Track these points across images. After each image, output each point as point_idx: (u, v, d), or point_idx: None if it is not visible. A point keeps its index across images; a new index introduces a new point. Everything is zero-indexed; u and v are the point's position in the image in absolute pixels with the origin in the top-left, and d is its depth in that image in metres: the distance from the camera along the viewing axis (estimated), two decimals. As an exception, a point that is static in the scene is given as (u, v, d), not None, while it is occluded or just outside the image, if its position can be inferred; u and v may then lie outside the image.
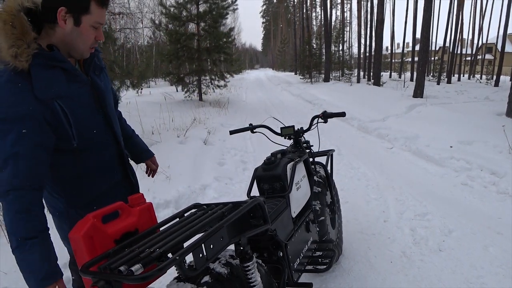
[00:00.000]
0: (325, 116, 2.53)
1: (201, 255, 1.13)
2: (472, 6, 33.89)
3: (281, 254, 1.73)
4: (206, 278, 1.27)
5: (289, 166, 2.10)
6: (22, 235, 1.17)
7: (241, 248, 1.39)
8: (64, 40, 1.26)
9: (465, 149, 5.47)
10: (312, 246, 2.29)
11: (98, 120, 1.41)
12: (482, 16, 33.02)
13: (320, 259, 2.27)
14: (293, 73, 39.52)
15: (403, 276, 2.53)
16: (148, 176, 1.95)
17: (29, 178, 1.18)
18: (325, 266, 2.21)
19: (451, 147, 5.63)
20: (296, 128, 2.52)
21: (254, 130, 2.63)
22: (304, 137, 2.57)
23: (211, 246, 1.17)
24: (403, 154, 5.79)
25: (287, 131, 2.52)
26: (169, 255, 1.05)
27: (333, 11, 36.38)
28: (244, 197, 1.93)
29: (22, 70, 1.15)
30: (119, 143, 1.53)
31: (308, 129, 2.56)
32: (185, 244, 1.11)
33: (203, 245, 1.13)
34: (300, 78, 26.94)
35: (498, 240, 2.95)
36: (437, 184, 4.33)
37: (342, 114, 2.55)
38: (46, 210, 1.32)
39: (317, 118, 2.56)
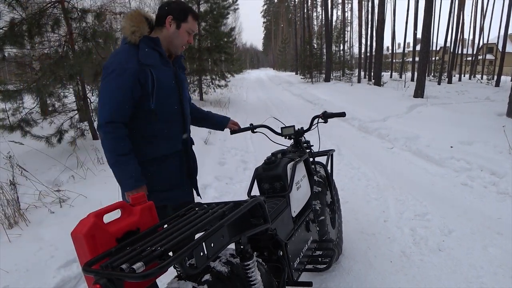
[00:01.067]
0: (325, 116, 2.53)
1: (201, 254, 1.14)
2: (473, 6, 33.87)
3: (281, 253, 1.73)
4: (207, 277, 1.28)
5: (289, 166, 2.10)
6: (120, 153, 1.63)
7: (242, 247, 1.40)
8: (167, 38, 1.80)
9: (465, 149, 5.47)
10: (312, 246, 2.29)
11: (174, 97, 1.85)
12: (483, 16, 32.97)
13: (320, 258, 2.28)
14: (294, 73, 39.49)
15: (403, 275, 2.54)
16: (232, 133, 2.51)
17: (122, 115, 1.66)
18: (325, 265, 2.22)
19: (451, 147, 5.64)
20: (296, 128, 2.53)
21: (255, 130, 2.62)
22: (304, 137, 2.58)
23: (212, 245, 1.17)
24: (403, 154, 5.80)
25: (287, 131, 2.52)
26: (171, 253, 1.06)
27: (334, 11, 36.42)
28: (245, 197, 1.94)
29: (134, 43, 1.71)
30: (186, 123, 1.94)
31: (309, 129, 2.57)
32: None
33: (203, 243, 1.14)
34: (301, 78, 26.94)
35: (498, 240, 2.96)
36: (437, 184, 4.34)
37: (342, 114, 2.55)
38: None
39: (317, 118, 2.57)
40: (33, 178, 3.84)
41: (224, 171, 4.97)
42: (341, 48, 28.45)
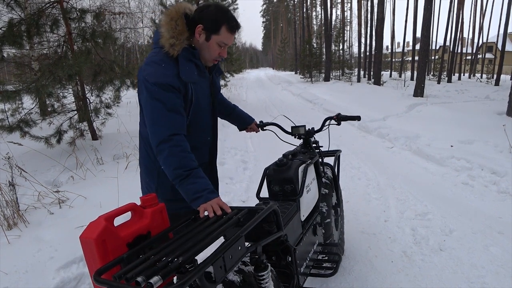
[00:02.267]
0: (339, 118, 2.43)
1: (221, 267, 1.09)
2: (473, 5, 33.86)
3: (289, 259, 1.67)
4: (219, 287, 1.24)
5: (301, 168, 2.05)
6: (190, 167, 1.47)
7: (257, 257, 1.35)
8: (198, 47, 1.65)
9: (465, 149, 5.46)
10: (318, 249, 2.25)
11: (208, 110, 1.80)
12: (483, 15, 32.98)
13: (325, 263, 2.23)
14: (294, 73, 39.49)
15: (404, 275, 2.53)
16: (247, 132, 2.46)
17: (181, 128, 1.53)
18: (331, 271, 2.14)
19: (451, 146, 5.63)
20: (307, 128, 2.46)
21: (265, 128, 2.51)
22: (314, 137, 2.52)
23: (230, 257, 1.12)
24: (403, 153, 5.79)
25: (298, 131, 2.45)
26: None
27: (334, 11, 36.39)
28: (244, 197, 1.92)
29: (172, 55, 1.56)
30: (215, 131, 1.89)
31: (320, 130, 2.48)
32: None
33: (223, 256, 1.08)
34: (301, 78, 26.93)
35: (499, 239, 2.95)
36: (437, 183, 4.33)
37: (357, 118, 2.44)
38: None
39: (329, 120, 2.48)
40: (32, 179, 3.83)
41: (224, 171, 4.95)
42: (341, 47, 28.43)
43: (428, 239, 2.99)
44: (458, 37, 25.55)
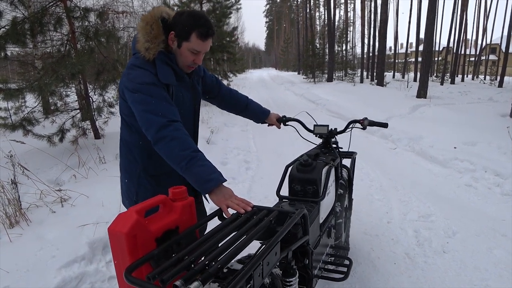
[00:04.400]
0: (366, 123, 2.35)
1: (259, 275, 1.04)
2: (476, 7, 33.82)
3: (307, 261, 1.64)
4: None
5: (324, 170, 2.02)
6: (195, 149, 1.46)
7: (287, 262, 1.33)
8: (174, 53, 1.65)
9: (469, 150, 5.44)
10: (329, 251, 2.23)
11: (189, 111, 1.78)
12: (486, 17, 32.83)
13: (335, 267, 2.20)
14: (296, 73, 39.47)
15: (407, 277, 2.52)
16: (268, 126, 2.44)
17: (177, 116, 1.52)
18: (342, 276, 2.10)
19: (455, 148, 5.60)
20: (329, 128, 2.41)
21: (287, 123, 2.43)
22: (336, 138, 2.48)
23: (267, 264, 1.09)
24: (406, 154, 5.77)
25: (320, 130, 2.40)
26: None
27: (337, 11, 36.29)
28: (247, 197, 1.90)
29: (148, 59, 1.56)
30: (196, 137, 1.88)
31: (343, 131, 2.42)
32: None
33: (262, 263, 1.04)
34: (303, 78, 26.92)
35: (503, 242, 2.93)
36: (441, 185, 4.30)
37: (384, 125, 2.38)
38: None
39: (354, 123, 2.41)
40: (34, 177, 3.83)
41: (226, 171, 4.94)
42: (344, 48, 28.41)
43: (431, 241, 2.98)
44: (461, 38, 25.47)
